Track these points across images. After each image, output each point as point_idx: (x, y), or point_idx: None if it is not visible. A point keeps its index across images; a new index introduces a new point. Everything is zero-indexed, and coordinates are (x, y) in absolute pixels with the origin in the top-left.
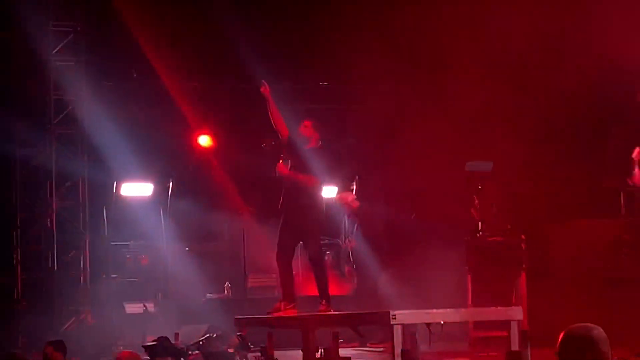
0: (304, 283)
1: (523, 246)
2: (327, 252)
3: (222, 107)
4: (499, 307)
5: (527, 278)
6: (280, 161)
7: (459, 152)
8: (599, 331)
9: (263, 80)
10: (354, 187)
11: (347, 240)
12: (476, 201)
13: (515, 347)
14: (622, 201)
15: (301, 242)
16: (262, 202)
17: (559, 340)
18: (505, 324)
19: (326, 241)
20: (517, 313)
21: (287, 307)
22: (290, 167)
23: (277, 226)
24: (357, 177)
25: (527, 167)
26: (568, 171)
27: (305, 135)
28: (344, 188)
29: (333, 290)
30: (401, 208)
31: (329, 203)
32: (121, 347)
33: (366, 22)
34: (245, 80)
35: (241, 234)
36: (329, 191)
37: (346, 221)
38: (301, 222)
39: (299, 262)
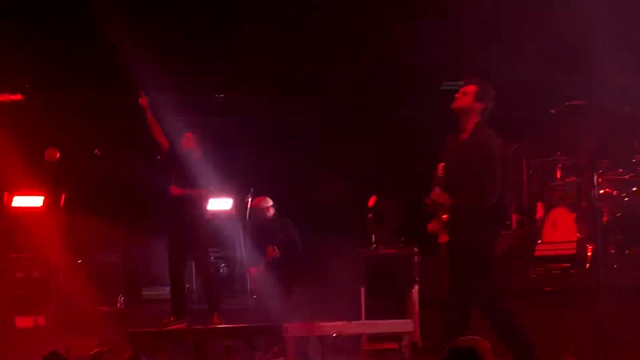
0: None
1: (416, 259)
2: (223, 265)
3: (115, 118)
4: (390, 320)
5: (419, 290)
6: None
7: (356, 165)
8: (483, 343)
9: (141, 91)
10: (249, 199)
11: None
12: (370, 215)
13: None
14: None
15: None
16: (155, 214)
17: (446, 353)
18: (397, 337)
19: (220, 253)
20: (407, 326)
21: (177, 322)
22: (175, 179)
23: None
24: (251, 189)
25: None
26: None
27: (188, 147)
28: (239, 200)
29: (226, 302)
30: (296, 221)
31: (224, 215)
32: None
33: (265, 35)
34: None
35: (135, 246)
36: (223, 203)
37: (242, 234)
38: (189, 235)
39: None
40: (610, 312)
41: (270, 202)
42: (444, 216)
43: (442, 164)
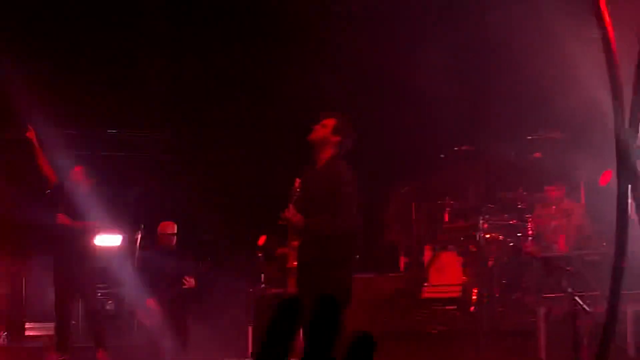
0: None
1: None
2: (110, 302)
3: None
4: None
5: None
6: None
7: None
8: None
9: (29, 125)
10: (139, 235)
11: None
12: (259, 254)
13: None
14: (400, 257)
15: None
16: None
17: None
18: None
19: (108, 290)
20: None
21: (61, 358)
22: (63, 212)
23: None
24: (142, 225)
25: None
26: None
27: (77, 180)
28: (130, 236)
29: (113, 339)
30: (185, 258)
31: (113, 251)
32: None
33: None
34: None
35: (21, 281)
36: (111, 239)
37: (130, 271)
38: (76, 270)
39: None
40: (493, 355)
41: (175, 229)
42: (294, 242)
43: (298, 180)
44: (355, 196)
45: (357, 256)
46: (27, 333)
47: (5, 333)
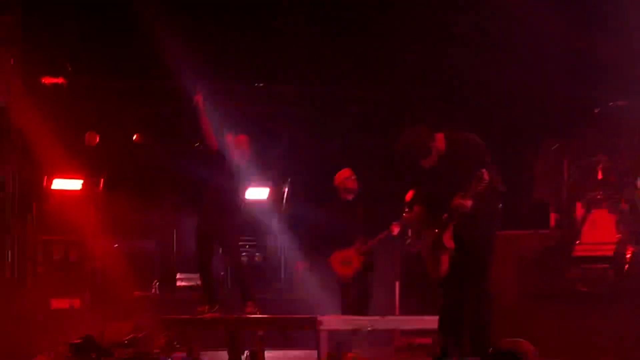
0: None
1: None
2: (257, 254)
3: (156, 104)
4: (424, 316)
5: None
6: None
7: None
8: (527, 346)
9: (198, 88)
10: (286, 189)
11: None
12: (406, 209)
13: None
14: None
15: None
16: (192, 201)
17: (490, 352)
18: (431, 332)
19: (255, 242)
20: None
21: (211, 310)
22: (215, 175)
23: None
24: (289, 179)
25: None
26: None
27: (239, 148)
28: (276, 189)
29: (261, 291)
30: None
31: (260, 204)
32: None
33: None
34: (176, 79)
35: (172, 233)
36: (259, 192)
37: (277, 222)
38: (217, 223)
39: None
40: None
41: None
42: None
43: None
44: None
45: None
46: (178, 284)
47: (157, 283)
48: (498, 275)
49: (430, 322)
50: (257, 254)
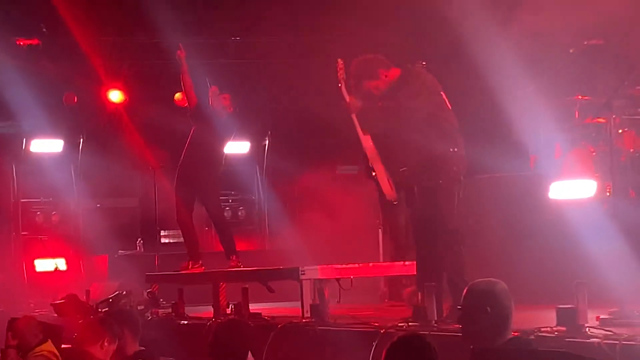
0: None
1: None
2: (241, 208)
3: (133, 62)
4: (407, 262)
5: None
6: None
7: None
8: (501, 285)
9: (180, 44)
10: (267, 142)
11: None
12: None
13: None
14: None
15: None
16: (173, 158)
17: (464, 293)
18: (414, 279)
19: (238, 197)
20: None
21: (194, 266)
22: (195, 131)
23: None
24: (269, 132)
25: None
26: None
27: (222, 104)
28: (256, 143)
29: (244, 245)
30: (313, 163)
31: (241, 158)
32: (32, 305)
33: None
34: (156, 35)
35: (153, 190)
36: (239, 146)
37: (258, 176)
38: (196, 179)
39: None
40: None
41: None
42: None
43: None
44: None
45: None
46: (162, 241)
47: (141, 241)
48: (480, 218)
49: (413, 268)
50: (240, 208)
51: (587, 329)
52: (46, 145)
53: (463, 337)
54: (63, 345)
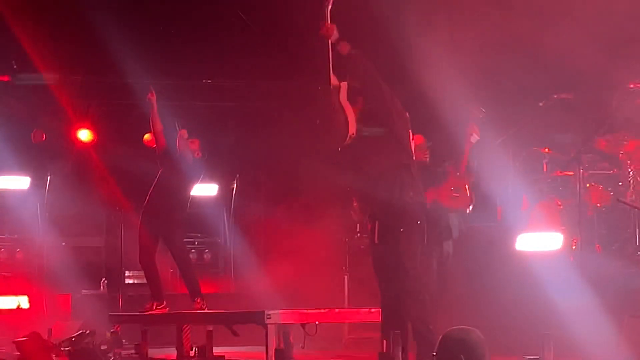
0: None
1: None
2: (206, 250)
3: (102, 102)
4: (372, 309)
5: None
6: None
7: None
8: (476, 334)
9: (151, 86)
10: (235, 185)
11: None
12: (355, 203)
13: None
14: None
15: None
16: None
17: (439, 340)
18: (379, 325)
19: (204, 239)
20: None
21: (159, 307)
22: (162, 173)
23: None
24: (237, 175)
25: None
26: None
27: (190, 149)
28: (224, 186)
29: (210, 288)
30: (281, 207)
31: (209, 201)
32: None
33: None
34: (126, 75)
35: (119, 229)
36: (207, 189)
37: (225, 219)
38: (160, 221)
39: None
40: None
41: None
42: None
43: None
44: None
45: None
46: (126, 281)
47: (105, 281)
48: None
49: (379, 315)
50: (206, 250)
51: None
52: (12, 182)
53: None
54: None
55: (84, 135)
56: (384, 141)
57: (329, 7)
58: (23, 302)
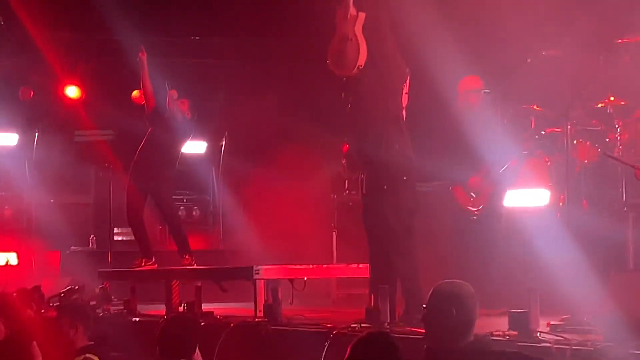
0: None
1: None
2: (195, 207)
3: (91, 59)
4: (360, 265)
5: None
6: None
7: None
8: (467, 288)
9: (142, 46)
10: (223, 143)
11: None
12: (343, 160)
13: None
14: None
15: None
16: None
17: (429, 294)
18: (367, 282)
19: (193, 196)
20: None
21: (147, 264)
22: (152, 132)
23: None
24: (226, 133)
25: None
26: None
27: (180, 109)
28: (213, 143)
29: (198, 245)
30: (269, 164)
31: (197, 158)
32: None
33: None
34: (115, 32)
35: (108, 186)
36: (196, 146)
37: (214, 176)
38: (149, 178)
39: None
40: None
41: None
42: None
43: None
44: None
45: None
46: (115, 238)
47: (94, 237)
48: (434, 224)
49: (366, 271)
50: (194, 207)
51: (538, 334)
52: (0, 139)
53: (425, 337)
54: None
55: (72, 92)
56: (376, 87)
57: None
58: (12, 258)
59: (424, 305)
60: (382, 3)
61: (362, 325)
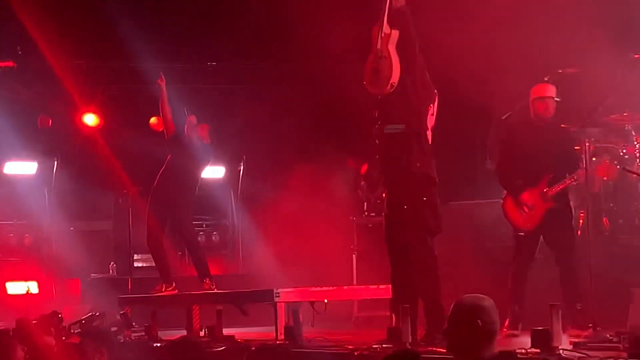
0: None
1: None
2: (214, 232)
3: (108, 86)
4: (381, 286)
5: None
6: None
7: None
8: (488, 301)
9: (161, 73)
10: (242, 167)
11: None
12: (362, 182)
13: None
14: None
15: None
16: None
17: (451, 308)
18: (388, 303)
19: (212, 221)
20: None
21: (168, 289)
22: (172, 158)
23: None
24: (244, 157)
25: None
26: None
27: (198, 135)
28: (231, 168)
29: (218, 270)
30: (288, 188)
31: (216, 183)
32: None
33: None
34: (132, 59)
35: (127, 213)
36: (214, 171)
37: (233, 201)
38: (169, 204)
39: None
40: None
41: None
42: None
43: None
44: None
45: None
46: (135, 265)
47: (114, 264)
48: (455, 244)
49: (387, 292)
50: (214, 232)
51: (561, 351)
52: (20, 168)
53: (449, 350)
54: None
55: (90, 119)
56: (402, 107)
57: None
58: (32, 287)
59: (447, 319)
60: (412, 22)
61: (384, 345)
